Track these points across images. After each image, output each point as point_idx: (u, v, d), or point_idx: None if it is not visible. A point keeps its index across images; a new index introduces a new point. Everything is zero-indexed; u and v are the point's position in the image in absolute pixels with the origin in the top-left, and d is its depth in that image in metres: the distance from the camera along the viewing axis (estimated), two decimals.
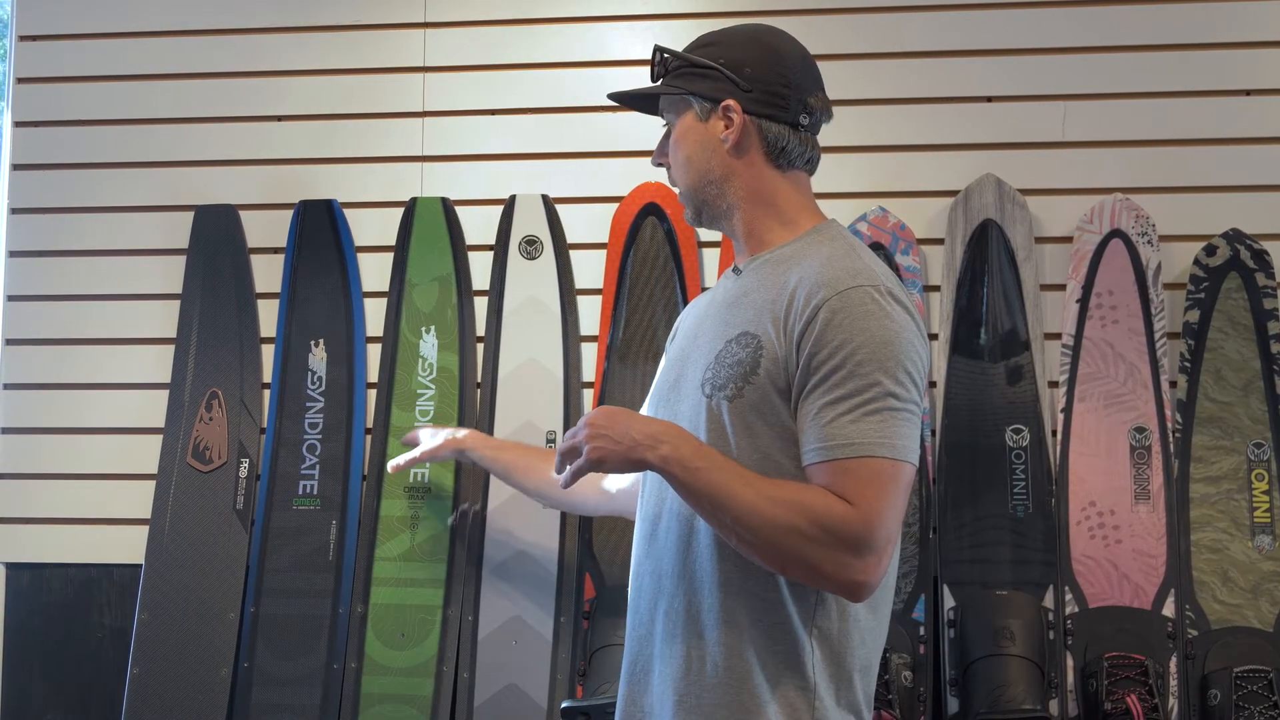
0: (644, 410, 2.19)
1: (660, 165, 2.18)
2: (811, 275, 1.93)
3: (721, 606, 1.94)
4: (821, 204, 2.14)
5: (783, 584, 1.91)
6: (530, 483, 2.78)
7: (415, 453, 2.97)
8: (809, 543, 1.81)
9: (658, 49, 2.15)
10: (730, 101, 2.04)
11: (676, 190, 2.16)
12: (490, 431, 3.31)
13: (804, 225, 2.07)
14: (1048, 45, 3.40)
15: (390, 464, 3.03)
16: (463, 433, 2.94)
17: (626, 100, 2.22)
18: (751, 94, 2.04)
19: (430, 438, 2.98)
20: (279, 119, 3.59)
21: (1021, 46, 3.41)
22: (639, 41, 3.48)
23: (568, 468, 1.95)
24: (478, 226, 3.49)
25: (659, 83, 2.15)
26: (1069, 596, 3.11)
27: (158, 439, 3.43)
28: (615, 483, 2.51)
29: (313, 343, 3.45)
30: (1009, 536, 3.14)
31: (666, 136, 2.16)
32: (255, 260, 3.53)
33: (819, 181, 2.15)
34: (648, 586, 2.05)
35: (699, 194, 2.10)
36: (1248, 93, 3.36)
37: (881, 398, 1.84)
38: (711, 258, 3.40)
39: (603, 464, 1.89)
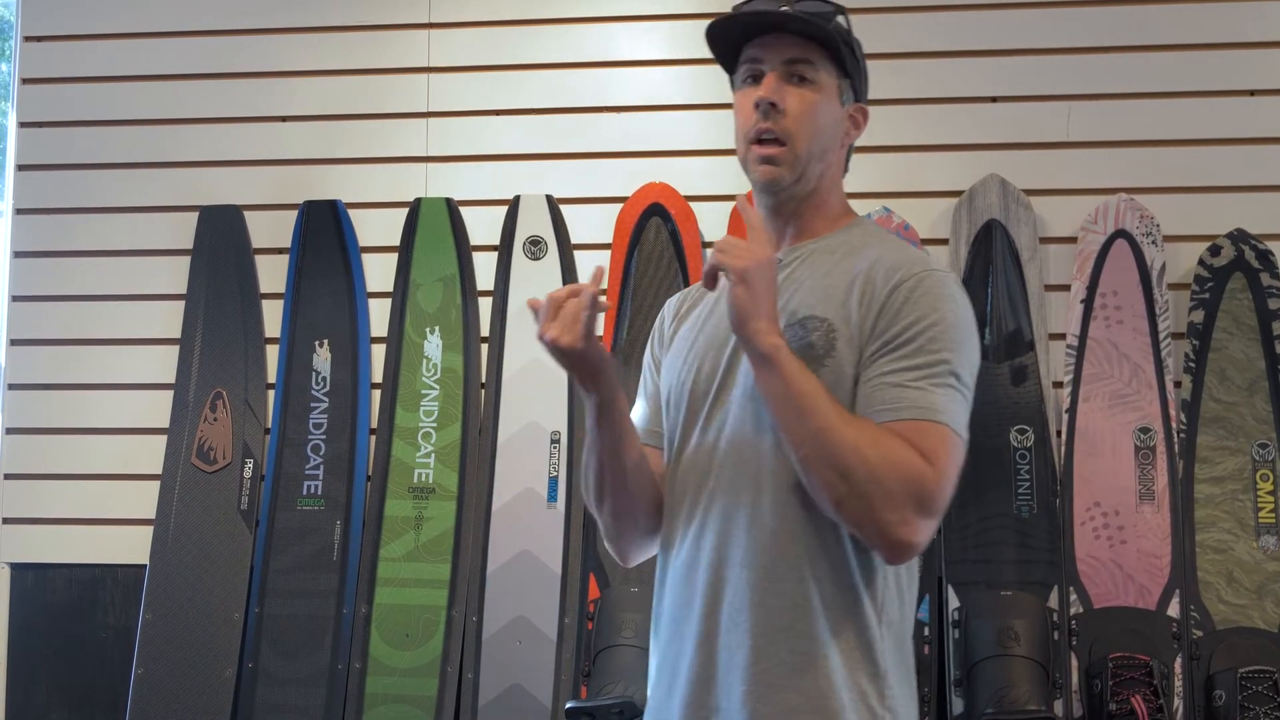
0: (671, 400, 2.09)
1: (772, 104, 1.99)
2: (886, 259, 1.94)
3: (795, 593, 1.89)
4: None
5: (855, 569, 1.88)
6: (618, 465, 2.12)
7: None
8: (879, 485, 1.78)
9: (842, 8, 2.04)
10: (865, 107, 2.09)
11: (776, 146, 1.99)
12: (494, 432, 3.31)
13: (844, 220, 2.07)
14: (1052, 46, 3.40)
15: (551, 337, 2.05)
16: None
17: (752, 19, 2.05)
18: (860, 102, 2.09)
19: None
20: (283, 120, 3.59)
21: (1026, 47, 3.41)
22: (643, 42, 3.48)
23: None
24: (482, 227, 3.49)
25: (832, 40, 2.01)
26: (1074, 597, 3.10)
27: (162, 439, 3.44)
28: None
29: (317, 343, 3.45)
30: (1013, 537, 3.14)
31: (791, 81, 2.00)
32: (260, 260, 3.54)
33: None
34: (706, 582, 1.98)
35: (809, 165, 2.01)
36: (1252, 93, 3.36)
37: (949, 375, 1.85)
38: None
39: (740, 281, 1.81)
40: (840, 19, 2.05)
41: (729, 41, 2.11)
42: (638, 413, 2.17)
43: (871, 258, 1.95)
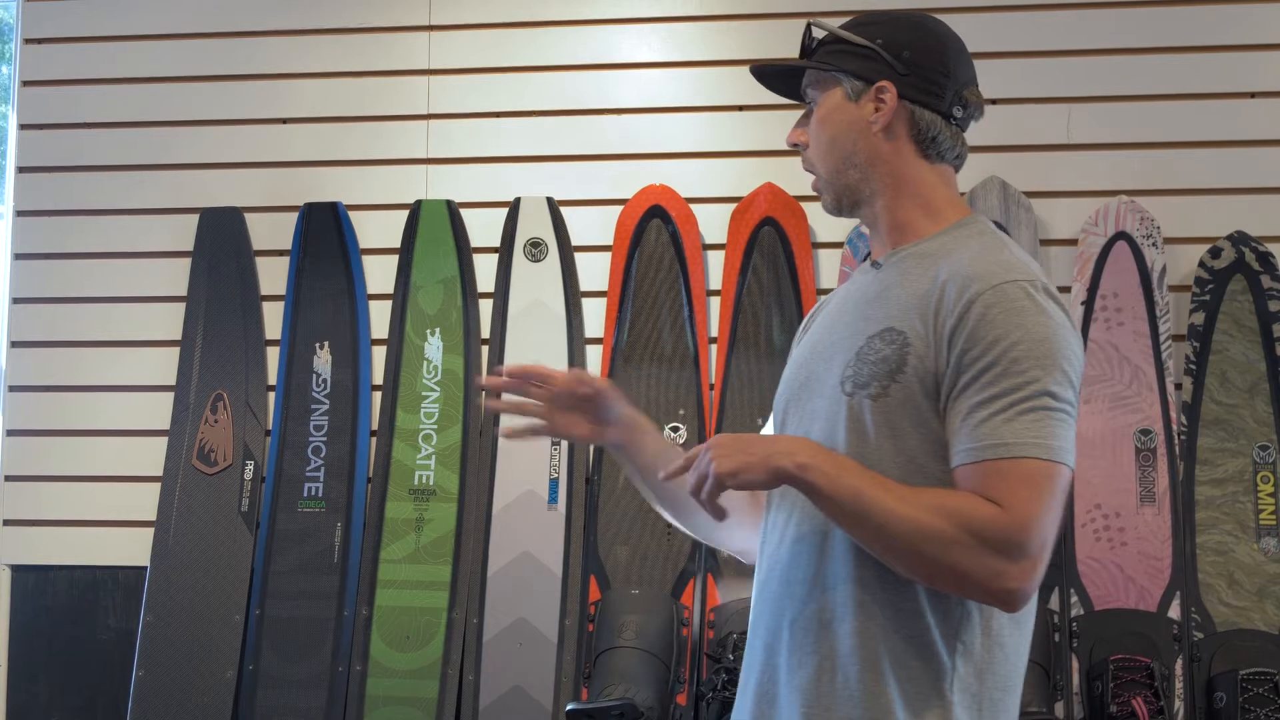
0: (774, 413, 2.05)
1: (796, 146, 2.03)
2: (963, 269, 1.83)
3: (856, 615, 1.83)
4: None
5: (922, 595, 1.81)
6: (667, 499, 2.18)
7: (538, 421, 2.10)
8: (956, 548, 1.71)
9: (811, 24, 2.02)
10: (885, 83, 1.94)
11: (814, 176, 2.02)
12: (494, 434, 3.31)
13: (950, 218, 1.96)
14: (1052, 48, 3.40)
15: (505, 431, 2.12)
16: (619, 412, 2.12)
17: (767, 76, 2.08)
18: (908, 78, 1.94)
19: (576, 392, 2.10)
20: (284, 122, 3.59)
21: (1026, 49, 3.41)
22: (643, 44, 3.49)
23: (704, 487, 1.78)
24: (482, 229, 3.49)
25: (809, 59, 2.01)
26: (1074, 599, 3.10)
27: (163, 441, 3.44)
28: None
29: (318, 345, 3.45)
30: None
31: (807, 116, 2.02)
32: (260, 263, 3.54)
33: None
34: (773, 598, 1.92)
35: (841, 178, 1.98)
36: (1252, 95, 3.36)
37: (1038, 396, 1.74)
38: (716, 260, 3.40)
39: (737, 477, 1.74)
40: (814, 30, 2.01)
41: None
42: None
43: (951, 267, 1.85)
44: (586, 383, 2.06)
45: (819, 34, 2.01)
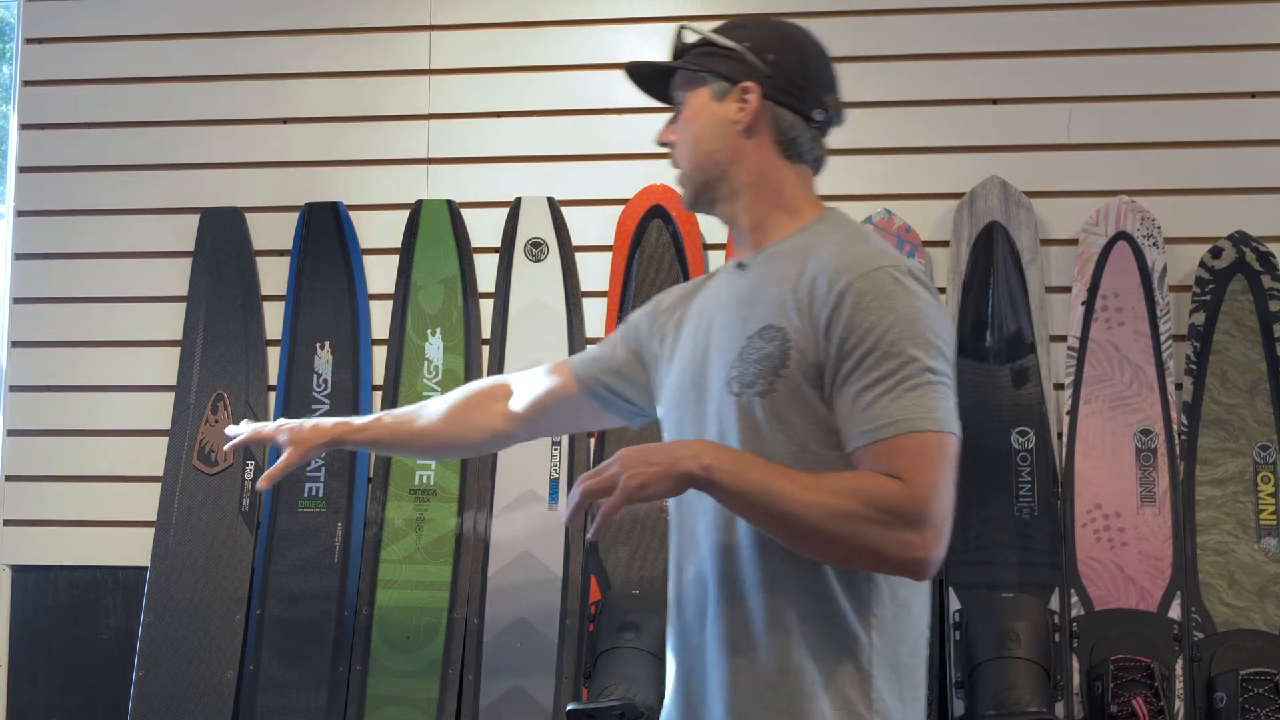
0: (664, 424, 2.16)
1: (665, 145, 2.14)
2: (830, 262, 1.91)
3: (767, 607, 1.91)
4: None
5: (831, 575, 1.88)
6: (414, 448, 2.62)
7: (280, 463, 2.53)
8: (867, 525, 1.78)
9: (681, 26, 2.12)
10: (749, 84, 2.02)
11: (678, 171, 2.12)
12: None
13: (809, 215, 2.05)
14: (1053, 48, 3.41)
15: (261, 482, 2.55)
16: (326, 423, 2.55)
17: (641, 75, 2.17)
18: (772, 79, 2.03)
19: (285, 436, 2.54)
20: (285, 122, 3.60)
21: (1027, 49, 3.41)
22: (644, 44, 3.48)
23: (588, 504, 1.87)
24: (483, 229, 3.49)
25: (678, 60, 2.12)
26: (1075, 599, 3.10)
27: (163, 441, 3.44)
28: (514, 410, 2.42)
29: (318, 345, 3.45)
30: (1014, 539, 3.14)
31: (676, 116, 2.12)
32: (261, 263, 3.54)
33: (826, 182, 2.14)
34: (692, 599, 2.01)
35: (702, 174, 2.07)
36: (1253, 95, 3.36)
37: (919, 373, 1.82)
38: (717, 260, 3.40)
39: (645, 490, 1.83)
40: (683, 32, 2.10)
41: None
42: (591, 351, 2.37)
43: (818, 261, 1.93)
44: (280, 439, 2.49)
45: (690, 37, 2.10)
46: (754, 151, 2.04)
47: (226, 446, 2.59)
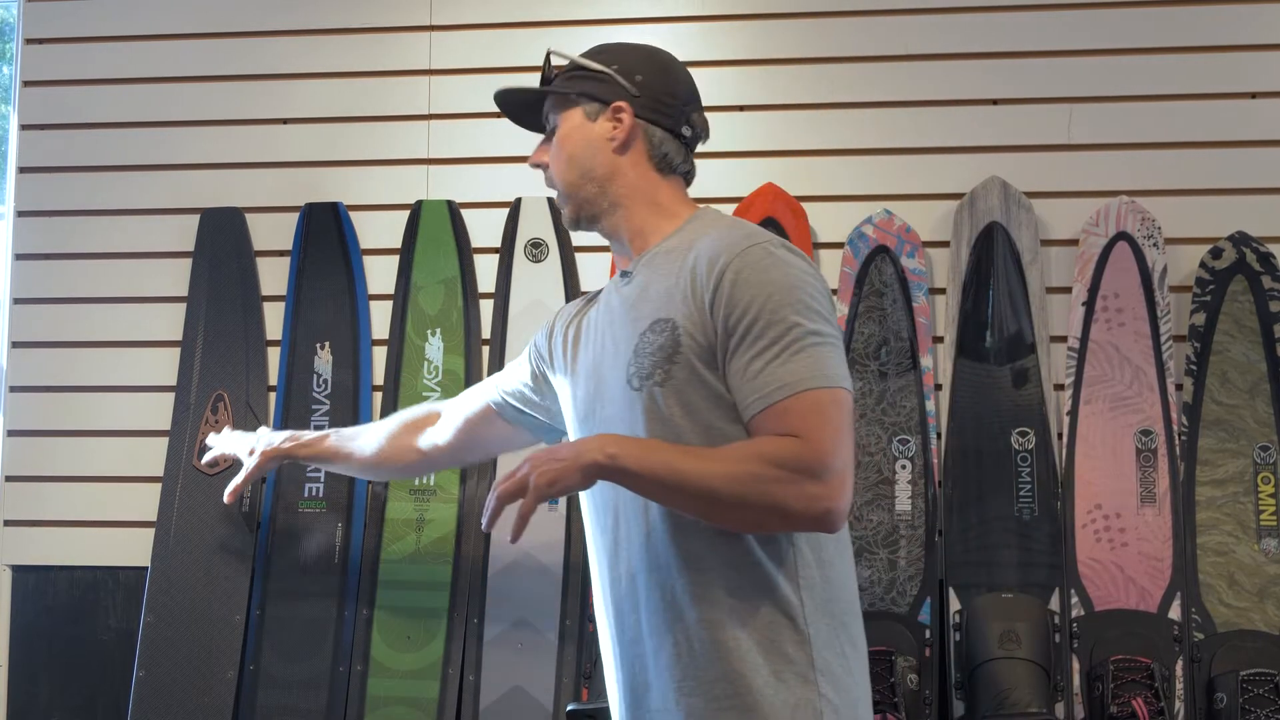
0: (571, 426, 2.25)
1: (538, 167, 2.25)
2: (708, 249, 2.01)
3: (693, 585, 1.97)
4: (828, 206, 2.18)
5: (753, 546, 1.96)
6: (355, 467, 2.81)
7: (240, 478, 2.87)
8: (772, 484, 1.85)
9: (550, 52, 2.23)
10: (621, 103, 2.14)
11: (555, 191, 2.22)
12: None
13: (684, 215, 2.16)
14: (1053, 48, 3.41)
15: (226, 496, 2.90)
16: (279, 438, 2.85)
17: (510, 102, 2.31)
18: (640, 99, 2.15)
19: (244, 450, 2.89)
20: (285, 122, 3.60)
21: (1027, 49, 3.41)
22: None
23: (504, 507, 1.96)
24: (483, 229, 3.49)
25: (549, 84, 2.22)
26: (1075, 599, 3.10)
27: (164, 441, 3.44)
28: (440, 434, 2.63)
29: (318, 345, 3.45)
30: (1015, 539, 3.14)
31: (549, 139, 2.23)
32: (261, 263, 3.54)
33: (826, 183, 2.18)
34: (626, 591, 2.07)
35: (580, 191, 2.17)
36: (1253, 95, 3.36)
37: (803, 336, 1.91)
38: None
39: (555, 485, 1.91)
40: (551, 58, 2.22)
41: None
42: (501, 373, 2.54)
43: (699, 249, 2.03)
44: (252, 451, 2.83)
45: (559, 62, 2.23)
46: (629, 167, 2.15)
47: (205, 459, 3.00)
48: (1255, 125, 3.35)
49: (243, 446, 2.91)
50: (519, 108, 2.30)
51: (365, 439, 2.74)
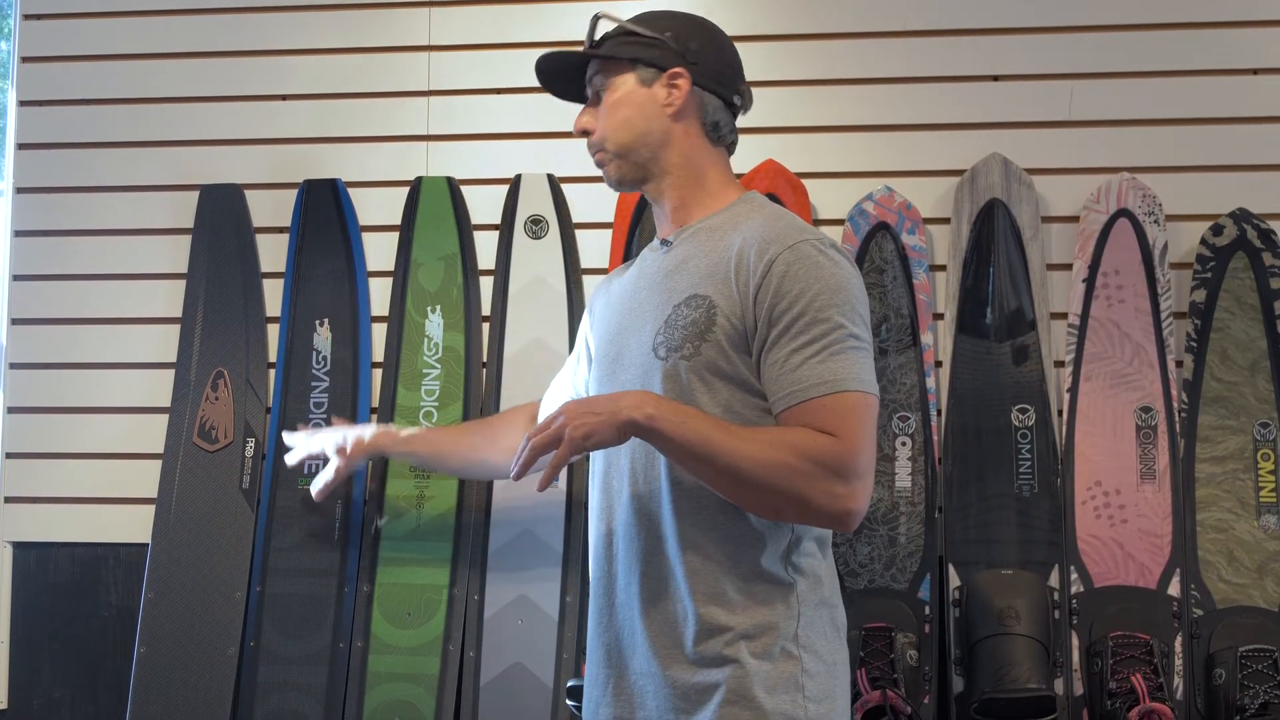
0: (590, 382, 2.29)
1: (585, 133, 2.23)
2: (756, 236, 2.02)
3: (687, 566, 2.00)
4: (828, 183, 2.18)
5: (756, 526, 1.99)
6: (451, 465, 2.90)
7: (330, 474, 2.93)
8: (799, 477, 1.88)
9: (599, 15, 2.22)
10: (679, 69, 2.14)
11: (601, 154, 2.21)
12: (495, 412, 3.31)
13: (730, 197, 2.16)
14: (1054, 24, 3.40)
15: (315, 493, 2.97)
16: (369, 432, 2.87)
17: (549, 70, 2.27)
18: (698, 66, 2.15)
19: (332, 447, 2.91)
20: (284, 98, 3.59)
21: (1028, 25, 3.40)
22: None
23: (537, 459, 1.97)
24: (483, 206, 3.48)
25: (599, 49, 2.22)
26: (1074, 576, 3.11)
27: (163, 418, 3.44)
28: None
29: (318, 322, 3.45)
30: (1014, 516, 3.14)
31: (595, 103, 2.21)
32: (260, 240, 3.53)
33: (827, 159, 2.18)
34: (619, 555, 2.10)
35: (633, 154, 2.17)
36: (1254, 72, 3.35)
37: (844, 339, 1.94)
38: None
39: (590, 439, 1.93)
40: (603, 22, 2.22)
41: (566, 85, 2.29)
42: (566, 369, 2.62)
43: (746, 233, 2.04)
44: (342, 448, 2.83)
45: (607, 26, 2.23)
46: (683, 134, 2.15)
47: (289, 459, 3.00)
48: (1257, 101, 3.34)
49: (330, 443, 2.90)
50: (556, 76, 2.28)
51: (459, 437, 2.80)
